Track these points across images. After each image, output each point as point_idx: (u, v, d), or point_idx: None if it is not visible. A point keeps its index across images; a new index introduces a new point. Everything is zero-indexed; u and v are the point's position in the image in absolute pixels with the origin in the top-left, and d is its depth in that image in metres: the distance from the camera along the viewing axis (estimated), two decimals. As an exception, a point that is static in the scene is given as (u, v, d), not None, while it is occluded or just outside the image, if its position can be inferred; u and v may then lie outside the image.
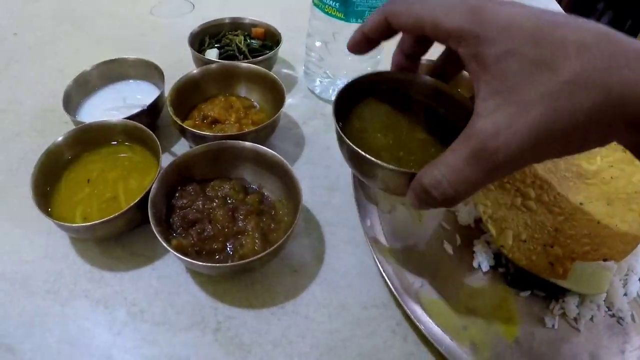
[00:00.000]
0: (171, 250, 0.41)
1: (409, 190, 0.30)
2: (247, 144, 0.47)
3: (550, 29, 0.24)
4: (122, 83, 0.60)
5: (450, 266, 0.47)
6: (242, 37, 0.63)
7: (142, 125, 0.49)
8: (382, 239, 0.48)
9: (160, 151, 0.47)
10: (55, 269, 0.47)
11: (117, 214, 0.43)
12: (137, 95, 0.57)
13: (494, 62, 0.25)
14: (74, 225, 0.44)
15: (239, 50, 0.62)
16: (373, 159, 0.31)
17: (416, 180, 0.29)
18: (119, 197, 0.47)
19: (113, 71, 0.59)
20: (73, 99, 0.56)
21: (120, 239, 0.48)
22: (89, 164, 0.50)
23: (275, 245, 0.41)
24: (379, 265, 0.44)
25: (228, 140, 0.47)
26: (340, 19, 0.52)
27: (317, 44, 0.57)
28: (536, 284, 0.46)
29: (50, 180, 0.49)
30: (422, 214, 0.50)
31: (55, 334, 0.43)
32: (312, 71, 0.61)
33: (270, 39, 0.65)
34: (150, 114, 0.53)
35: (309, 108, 0.56)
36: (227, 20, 0.67)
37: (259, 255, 0.41)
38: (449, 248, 0.48)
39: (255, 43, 0.64)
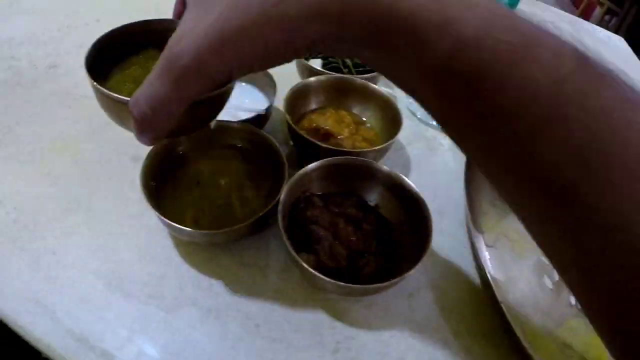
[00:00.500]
0: (305, 265, 0.38)
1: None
2: (383, 166, 0.45)
3: None
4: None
5: (550, 300, 0.47)
6: None
7: (264, 132, 0.45)
8: (490, 269, 0.46)
9: (285, 162, 0.43)
10: (158, 272, 0.42)
11: (241, 225, 0.39)
12: (245, 99, 0.53)
13: None
14: (192, 231, 0.39)
15: (343, 64, 0.59)
16: (102, 88, 0.29)
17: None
18: (234, 205, 0.43)
19: None
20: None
21: (228, 247, 0.44)
22: (198, 165, 0.46)
23: (406, 274, 0.39)
24: (494, 293, 0.42)
25: (360, 158, 0.45)
26: None
27: None
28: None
29: (156, 178, 0.44)
30: (524, 249, 0.49)
31: (159, 342, 0.39)
32: None
33: None
34: (259, 121, 0.49)
35: (411, 130, 0.54)
36: None
37: (388, 282, 0.38)
38: (548, 283, 0.47)
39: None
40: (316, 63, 0.59)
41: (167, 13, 0.36)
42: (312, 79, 0.53)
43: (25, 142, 0.51)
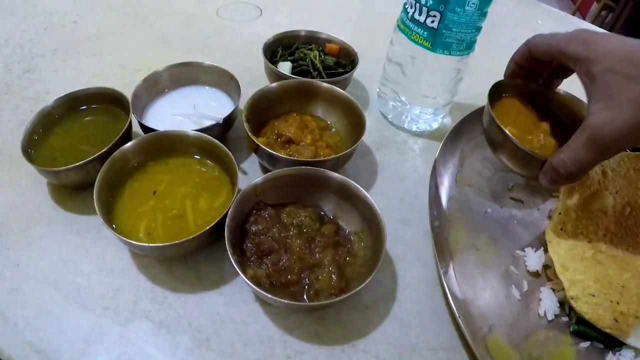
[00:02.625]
0: (248, 282, 0.33)
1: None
2: (335, 175, 0.39)
3: (638, 52, 0.30)
4: (192, 88, 0.50)
5: (517, 312, 0.41)
6: (317, 53, 0.53)
7: (218, 142, 0.40)
8: (453, 280, 0.40)
9: (238, 172, 0.38)
10: (114, 285, 0.38)
11: (190, 238, 0.35)
12: (211, 103, 0.47)
13: (600, 76, 0.31)
14: (141, 244, 0.35)
15: (313, 67, 0.52)
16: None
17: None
18: (187, 216, 0.39)
19: (184, 74, 0.49)
20: (141, 99, 0.45)
21: (184, 259, 0.40)
22: (156, 175, 0.41)
23: (357, 288, 0.33)
24: (452, 306, 0.37)
25: (313, 168, 0.39)
26: (427, 48, 0.43)
27: (394, 68, 0.49)
28: (595, 336, 0.40)
29: (113, 189, 0.40)
30: (492, 260, 0.43)
31: (113, 354, 0.36)
32: (386, 95, 0.52)
33: (344, 57, 0.55)
34: (224, 127, 0.44)
35: (381, 134, 0.47)
36: (302, 33, 0.57)
37: (339, 298, 0.34)
38: (516, 294, 0.41)
39: (329, 60, 0.53)
40: (284, 67, 0.52)
41: (142, 12, 0.32)
42: (275, 84, 0.47)
43: (-5, 150, 0.47)
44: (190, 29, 0.70)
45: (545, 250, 0.43)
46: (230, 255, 0.34)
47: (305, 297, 0.36)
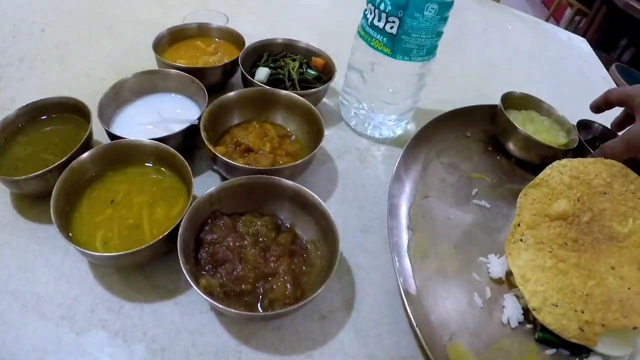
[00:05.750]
0: (199, 292, 0.33)
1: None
2: (289, 183, 0.39)
3: None
4: (159, 96, 0.49)
5: (480, 320, 0.40)
6: (298, 64, 0.53)
7: (174, 150, 0.40)
8: (413, 288, 0.40)
9: (192, 181, 0.38)
10: (72, 294, 0.38)
11: (143, 247, 0.35)
12: (177, 110, 0.47)
13: None
14: (95, 254, 0.35)
15: (289, 77, 0.51)
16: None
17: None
18: (143, 226, 0.39)
19: (150, 83, 0.49)
20: (107, 108, 0.45)
21: (141, 268, 0.40)
22: (115, 184, 0.41)
23: (310, 298, 0.33)
24: (410, 316, 0.36)
25: (267, 176, 0.38)
26: (386, 54, 0.43)
27: (355, 75, 0.48)
28: (562, 343, 0.39)
29: (71, 198, 0.40)
30: (457, 265, 0.42)
31: None
32: (348, 102, 0.52)
33: (328, 73, 0.54)
34: (189, 134, 0.43)
35: (343, 141, 0.46)
36: (279, 40, 0.57)
37: (291, 307, 0.33)
38: (478, 301, 0.41)
39: (310, 74, 0.52)
40: (262, 73, 0.51)
41: (108, 21, 0.32)
42: (233, 92, 0.47)
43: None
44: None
45: (509, 257, 0.42)
46: (182, 265, 0.34)
47: (259, 306, 0.36)
